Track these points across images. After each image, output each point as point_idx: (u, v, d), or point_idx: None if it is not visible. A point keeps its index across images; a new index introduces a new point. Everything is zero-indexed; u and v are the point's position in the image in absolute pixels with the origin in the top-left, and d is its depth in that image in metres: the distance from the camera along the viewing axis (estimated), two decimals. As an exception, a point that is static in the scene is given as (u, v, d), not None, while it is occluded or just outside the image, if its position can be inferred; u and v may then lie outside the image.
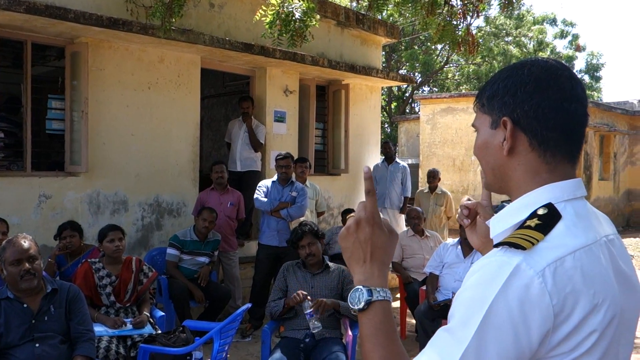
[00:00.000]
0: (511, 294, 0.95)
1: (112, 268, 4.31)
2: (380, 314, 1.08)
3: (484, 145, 1.17)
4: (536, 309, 0.95)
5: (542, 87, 1.09)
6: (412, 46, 22.57)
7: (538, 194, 1.09)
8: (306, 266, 4.13)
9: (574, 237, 1.02)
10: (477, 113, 1.21)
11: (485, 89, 1.18)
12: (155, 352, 3.66)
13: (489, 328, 0.95)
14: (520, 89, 1.10)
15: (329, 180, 8.29)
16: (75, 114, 5.80)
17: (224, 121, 9.78)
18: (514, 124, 1.10)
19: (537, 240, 0.99)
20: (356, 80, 8.46)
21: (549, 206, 1.06)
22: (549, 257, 0.98)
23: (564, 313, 0.96)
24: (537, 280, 0.96)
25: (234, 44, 6.37)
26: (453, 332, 1.00)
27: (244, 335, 5.73)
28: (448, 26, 6.93)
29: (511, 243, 0.99)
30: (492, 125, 1.15)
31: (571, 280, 0.97)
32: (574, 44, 24.03)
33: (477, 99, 1.20)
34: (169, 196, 6.48)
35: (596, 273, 1.01)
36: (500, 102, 1.12)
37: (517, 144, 1.11)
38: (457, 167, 15.22)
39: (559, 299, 0.96)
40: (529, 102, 1.09)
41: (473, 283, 1.01)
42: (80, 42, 5.72)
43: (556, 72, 1.11)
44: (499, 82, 1.14)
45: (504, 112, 1.12)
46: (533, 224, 1.03)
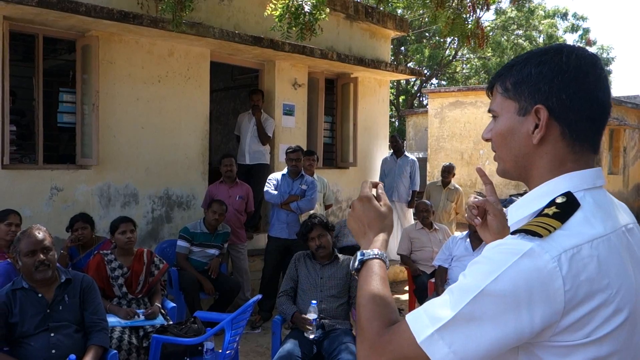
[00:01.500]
0: (520, 272, 0.96)
1: (124, 260, 4.35)
2: (370, 268, 1.19)
3: (508, 132, 1.13)
4: (544, 292, 0.95)
5: (581, 76, 1.06)
6: (421, 40, 22.49)
7: (557, 182, 1.08)
8: (316, 257, 4.16)
9: (592, 226, 1.02)
10: (497, 97, 1.16)
11: (510, 73, 1.13)
12: (168, 342, 3.70)
13: (489, 299, 0.96)
14: (557, 76, 1.07)
15: (337, 174, 8.30)
16: (86, 107, 5.84)
17: (232, 114, 9.81)
18: (549, 112, 1.07)
19: (554, 228, 0.99)
20: (365, 74, 8.45)
21: (568, 195, 1.05)
22: (565, 244, 0.98)
23: (575, 300, 0.96)
24: (552, 265, 0.96)
25: (243, 37, 6.39)
26: (451, 295, 1.01)
27: (253, 326, 5.77)
28: (458, 19, 6.91)
29: (528, 230, 0.99)
30: (519, 111, 1.11)
31: (586, 269, 0.97)
32: (584, 38, 23.85)
33: (499, 83, 1.16)
34: (179, 189, 6.52)
35: (612, 263, 1.00)
36: (534, 88, 1.08)
37: (548, 133, 1.08)
38: (466, 161, 15.19)
39: (572, 285, 0.96)
40: (566, 90, 1.06)
41: (484, 258, 1.01)
42: (91, 35, 5.75)
43: (593, 61, 1.09)
44: (531, 67, 1.10)
45: (537, 99, 1.08)
46: (551, 212, 1.03)
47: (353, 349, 3.69)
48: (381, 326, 1.08)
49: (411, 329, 1.02)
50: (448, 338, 0.97)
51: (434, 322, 0.99)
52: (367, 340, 1.08)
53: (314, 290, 4.03)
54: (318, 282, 4.05)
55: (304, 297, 4.05)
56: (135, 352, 3.84)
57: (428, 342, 0.99)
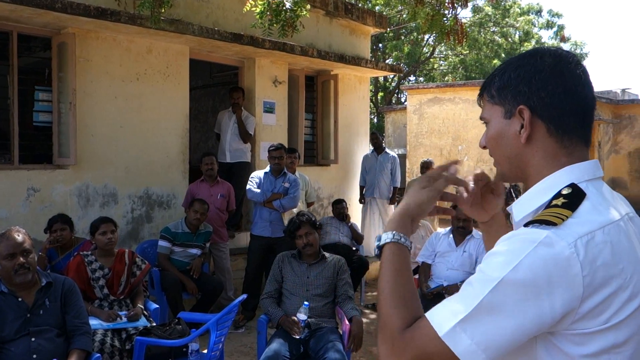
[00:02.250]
0: (539, 260, 0.97)
1: (104, 261, 4.27)
2: (384, 257, 1.17)
3: (498, 136, 1.18)
4: (564, 278, 0.97)
5: (557, 73, 1.11)
6: (399, 37, 22.56)
7: (559, 175, 1.11)
8: (302, 257, 4.13)
9: (601, 214, 1.04)
10: (485, 105, 1.22)
11: (494, 80, 1.19)
12: (152, 344, 3.64)
13: (509, 288, 0.97)
14: (534, 76, 1.12)
15: (318, 171, 8.28)
16: (62, 105, 5.72)
17: (211, 113, 9.73)
18: (531, 111, 1.12)
19: (566, 217, 1.01)
20: (345, 71, 8.44)
21: (573, 186, 1.08)
22: (580, 231, 1.00)
23: (593, 285, 0.98)
24: (569, 251, 0.98)
25: (223, 34, 6.32)
26: (470, 287, 1.02)
27: (236, 326, 5.72)
28: (437, 16, 6.93)
29: (542, 220, 1.02)
30: (505, 115, 1.16)
31: (601, 254, 0.99)
32: (559, 35, 24.17)
33: (485, 92, 1.22)
34: (159, 188, 6.43)
35: (624, 249, 1.03)
36: (514, 91, 1.14)
37: (534, 131, 1.13)
38: (445, 157, 15.27)
39: (589, 270, 0.98)
40: (544, 89, 1.11)
41: (500, 249, 1.02)
42: (67, 32, 5.63)
43: (567, 59, 1.13)
44: (510, 72, 1.16)
45: (519, 100, 1.13)
46: (560, 202, 1.05)
47: (340, 347, 3.68)
48: (401, 323, 1.07)
49: (432, 323, 1.02)
50: (470, 330, 0.98)
51: (454, 315, 1.00)
52: (388, 338, 1.08)
53: (301, 289, 4.00)
54: (305, 282, 4.02)
55: (290, 297, 4.02)
56: (118, 354, 3.77)
57: (450, 336, 0.99)
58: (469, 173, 1.41)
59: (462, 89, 15.12)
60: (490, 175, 1.42)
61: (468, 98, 14.79)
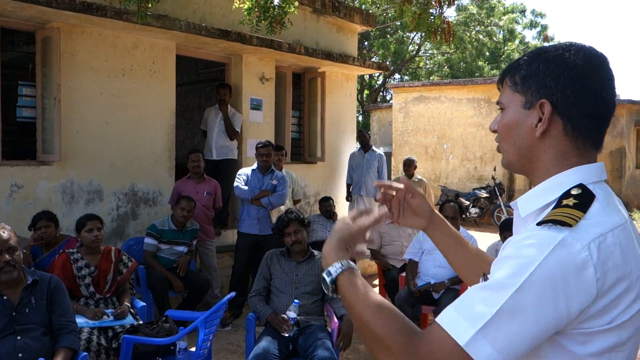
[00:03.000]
0: (556, 263, 0.97)
1: (90, 258, 4.22)
2: (345, 284, 1.16)
3: (513, 124, 1.16)
4: (580, 280, 0.97)
5: (586, 74, 1.10)
6: (385, 35, 22.60)
7: (568, 175, 1.11)
8: (290, 254, 4.11)
9: (610, 216, 1.05)
10: (505, 90, 1.19)
11: (520, 67, 1.17)
12: (139, 343, 3.61)
13: (529, 292, 0.96)
14: (564, 73, 1.10)
15: (305, 169, 8.27)
16: (46, 101, 5.63)
17: (197, 109, 9.66)
18: (552, 107, 1.10)
19: (579, 218, 1.01)
20: (332, 68, 8.43)
21: (582, 187, 1.08)
22: (592, 233, 1.00)
23: (605, 287, 0.99)
24: (584, 254, 0.98)
25: (210, 30, 6.27)
26: (487, 292, 0.99)
27: (223, 324, 5.69)
28: (424, 14, 6.94)
29: (556, 220, 1.01)
30: (525, 105, 1.14)
31: (612, 256, 1.00)
32: (542, 35, 24.41)
33: (509, 76, 1.19)
34: (145, 185, 6.37)
35: (631, 251, 1.04)
36: (540, 83, 1.12)
37: (551, 128, 1.12)
38: (430, 155, 15.35)
39: (602, 272, 0.99)
40: (571, 87, 1.09)
41: (516, 252, 1.01)
42: (52, 27, 5.55)
43: (599, 60, 1.12)
44: (539, 63, 1.13)
45: (542, 94, 1.11)
46: (571, 202, 1.05)
47: (328, 344, 3.67)
48: (405, 336, 1.05)
49: (450, 333, 0.99)
50: (491, 337, 0.96)
51: (474, 323, 0.97)
52: (398, 356, 1.04)
53: (289, 287, 3.99)
54: (293, 280, 4.01)
55: (279, 295, 4.00)
56: (105, 353, 3.73)
57: (472, 345, 0.96)
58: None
59: (448, 87, 15.20)
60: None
61: (453, 97, 14.87)
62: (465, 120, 14.63)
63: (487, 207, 13.20)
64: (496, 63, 23.77)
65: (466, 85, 14.77)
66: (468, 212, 12.87)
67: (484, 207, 13.19)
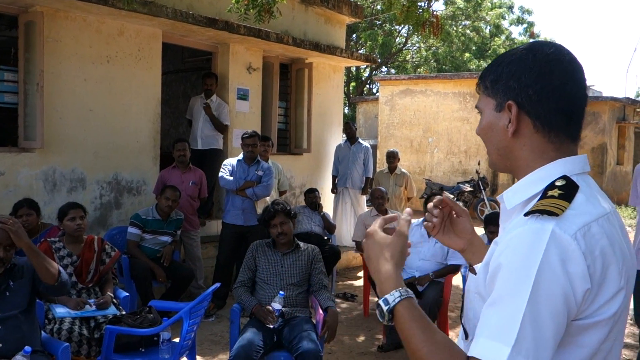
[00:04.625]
0: (554, 258, 0.99)
1: (73, 247, 4.16)
2: (402, 317, 1.12)
3: (488, 127, 1.22)
4: (577, 268, 1.00)
5: (546, 72, 1.14)
6: (372, 27, 22.55)
7: (552, 167, 1.14)
8: (276, 246, 4.09)
9: (594, 206, 1.08)
10: (480, 95, 1.25)
11: (489, 72, 1.22)
12: (122, 333, 3.57)
13: (541, 294, 0.98)
14: (524, 74, 1.14)
15: (291, 160, 8.23)
16: (29, 87, 5.53)
17: (182, 98, 9.57)
18: (518, 107, 1.15)
19: (565, 208, 1.04)
20: (320, 60, 8.38)
21: (566, 178, 1.11)
22: (578, 223, 1.03)
23: (596, 275, 1.01)
24: (574, 245, 1.00)
25: (197, 18, 6.19)
26: (502, 306, 1.00)
27: (207, 315, 5.65)
28: (412, 7, 6.92)
29: (543, 210, 1.03)
30: (496, 108, 1.19)
31: (599, 244, 1.03)
32: (528, 31, 24.53)
33: (481, 82, 1.24)
34: (129, 174, 6.30)
35: (615, 240, 1.07)
36: (505, 86, 1.17)
37: (521, 127, 1.16)
38: (415, 149, 15.39)
39: (591, 260, 1.01)
40: (533, 86, 1.14)
41: (512, 254, 1.03)
42: (35, 11, 5.44)
43: (558, 57, 1.15)
44: (503, 66, 1.19)
45: (508, 95, 1.16)
46: (556, 193, 1.07)
47: (313, 336, 3.66)
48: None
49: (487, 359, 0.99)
50: (524, 350, 0.97)
51: (505, 342, 0.97)
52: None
53: (275, 279, 3.96)
54: (279, 271, 3.98)
55: (264, 286, 3.97)
56: (87, 343, 3.69)
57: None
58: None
59: (434, 81, 15.22)
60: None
61: (439, 90, 14.90)
62: (450, 114, 14.68)
63: (470, 201, 13.27)
64: (483, 58, 23.85)
65: (452, 80, 14.80)
66: (452, 206, 12.91)
67: (467, 200, 13.26)
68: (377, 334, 5.47)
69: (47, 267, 3.08)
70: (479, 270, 1.18)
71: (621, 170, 18.31)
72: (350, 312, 6.18)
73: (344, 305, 6.45)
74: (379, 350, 4.99)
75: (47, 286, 3.14)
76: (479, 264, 1.22)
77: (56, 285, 3.13)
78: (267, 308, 3.74)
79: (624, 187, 17.45)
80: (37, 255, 3.06)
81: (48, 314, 3.81)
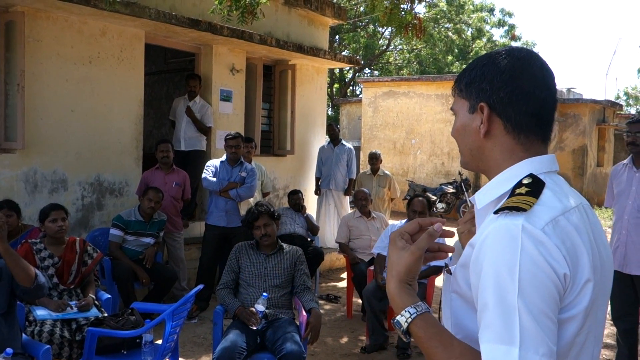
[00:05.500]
0: (530, 247, 1.02)
1: (54, 249, 4.13)
2: (417, 337, 1.13)
3: (462, 128, 1.26)
4: (554, 254, 1.02)
5: (516, 75, 1.18)
6: (356, 29, 22.62)
7: (519, 167, 1.18)
8: (259, 247, 4.09)
9: (560, 201, 1.11)
10: (455, 97, 1.29)
11: (464, 75, 1.26)
12: (104, 336, 3.55)
13: (528, 284, 1.00)
14: (496, 77, 1.19)
15: (274, 161, 8.24)
16: (9, 87, 5.47)
17: (165, 99, 9.53)
18: (490, 109, 1.19)
19: (532, 204, 1.07)
20: (303, 61, 8.40)
21: (532, 176, 1.14)
22: (545, 217, 1.06)
23: (569, 264, 1.04)
24: (544, 236, 1.03)
25: (180, 19, 6.17)
26: (494, 307, 1.01)
27: (189, 316, 5.63)
28: (395, 10, 6.97)
29: (511, 207, 1.07)
30: (469, 109, 1.24)
31: (569, 236, 1.06)
32: (510, 34, 24.80)
33: (456, 84, 1.28)
34: (111, 175, 6.26)
35: (584, 231, 1.10)
36: (478, 88, 1.21)
37: (493, 128, 1.20)
38: (398, 150, 15.47)
39: (565, 250, 1.04)
40: (504, 89, 1.18)
41: (489, 252, 1.05)
42: (16, 10, 5.38)
43: (529, 62, 1.19)
44: (477, 70, 1.23)
45: (481, 98, 1.20)
46: (523, 191, 1.11)
47: (297, 338, 3.67)
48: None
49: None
50: (532, 346, 0.98)
51: (510, 342, 0.99)
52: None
53: (258, 280, 3.97)
54: (262, 273, 3.99)
55: (247, 288, 3.98)
56: (68, 346, 3.67)
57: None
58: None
59: (417, 83, 15.31)
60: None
61: (422, 92, 14.99)
62: (433, 116, 14.77)
63: (453, 202, 13.38)
64: (465, 60, 24.05)
65: (435, 82, 14.91)
66: (435, 207, 13.02)
67: (450, 202, 13.37)
68: (360, 335, 5.50)
69: (23, 269, 3.06)
70: (455, 271, 1.20)
71: (601, 172, 18.57)
72: (334, 314, 6.20)
73: (327, 306, 6.46)
74: (362, 352, 5.01)
75: (24, 289, 3.11)
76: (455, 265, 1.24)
77: (32, 288, 3.11)
78: (250, 310, 3.74)
79: (605, 189, 17.64)
80: (12, 257, 3.04)
81: (29, 316, 3.78)
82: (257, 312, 3.68)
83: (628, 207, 4.13)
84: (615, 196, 4.31)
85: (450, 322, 1.20)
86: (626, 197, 4.16)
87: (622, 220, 4.14)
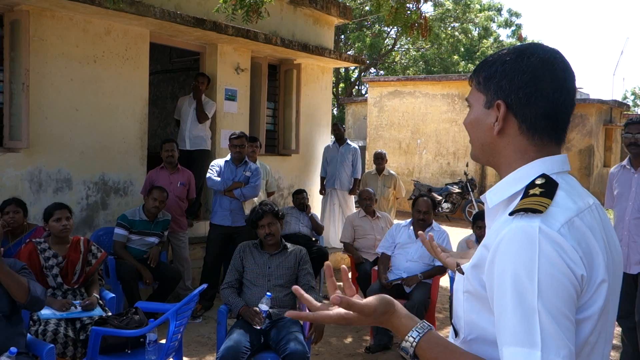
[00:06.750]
0: (548, 248, 1.01)
1: (58, 248, 4.12)
2: (428, 347, 1.12)
3: (475, 122, 1.25)
4: (571, 255, 1.02)
5: (538, 77, 1.16)
6: (361, 28, 22.59)
7: (531, 166, 1.16)
8: (263, 247, 4.08)
9: (574, 201, 1.10)
10: (472, 89, 1.26)
11: (483, 67, 1.23)
12: (108, 335, 3.54)
13: (547, 286, 0.99)
14: (517, 76, 1.16)
15: (279, 161, 8.22)
16: (14, 86, 5.48)
17: (170, 98, 9.53)
18: (507, 108, 1.17)
19: (548, 205, 1.06)
20: (308, 60, 8.38)
21: (545, 176, 1.13)
22: (561, 218, 1.05)
23: (586, 265, 1.03)
24: (560, 237, 1.02)
25: (185, 18, 6.16)
26: (514, 310, 1.00)
27: (194, 316, 5.63)
28: (401, 9, 6.94)
29: (527, 208, 1.05)
30: (485, 104, 1.22)
31: (584, 237, 1.05)
32: (516, 34, 24.71)
33: (474, 76, 1.25)
34: (116, 174, 6.26)
35: (598, 232, 1.09)
36: (497, 85, 1.19)
37: (507, 127, 1.18)
38: (403, 150, 15.42)
39: (581, 251, 1.03)
40: (524, 89, 1.16)
41: (507, 254, 1.04)
42: (21, 9, 5.38)
43: (552, 64, 1.17)
44: (498, 65, 1.20)
45: (499, 95, 1.19)
46: (537, 191, 1.09)
47: (301, 338, 3.66)
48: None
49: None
50: (553, 348, 0.97)
51: (533, 346, 0.98)
52: None
53: (262, 280, 3.95)
54: (266, 272, 3.97)
55: (251, 287, 3.96)
56: (72, 345, 3.67)
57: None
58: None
59: (423, 82, 15.26)
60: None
61: (428, 92, 14.94)
62: (439, 116, 14.72)
63: (459, 203, 13.33)
64: (471, 60, 23.97)
65: (441, 81, 14.86)
66: (440, 207, 12.98)
67: (456, 202, 13.31)
68: (364, 335, 5.48)
69: (16, 286, 3.04)
70: (467, 271, 1.18)
71: (608, 172, 18.47)
72: (338, 313, 6.17)
73: (331, 306, 6.43)
74: (367, 352, 4.99)
75: (19, 304, 3.11)
76: (467, 263, 1.22)
77: (26, 304, 3.11)
78: (254, 309, 3.72)
79: (610, 189, 17.58)
80: (5, 275, 3.02)
81: (33, 316, 3.78)
82: (261, 311, 3.66)
83: (628, 208, 4.15)
84: (615, 198, 4.31)
85: (462, 322, 1.19)
86: (626, 198, 4.18)
87: (623, 221, 4.17)
